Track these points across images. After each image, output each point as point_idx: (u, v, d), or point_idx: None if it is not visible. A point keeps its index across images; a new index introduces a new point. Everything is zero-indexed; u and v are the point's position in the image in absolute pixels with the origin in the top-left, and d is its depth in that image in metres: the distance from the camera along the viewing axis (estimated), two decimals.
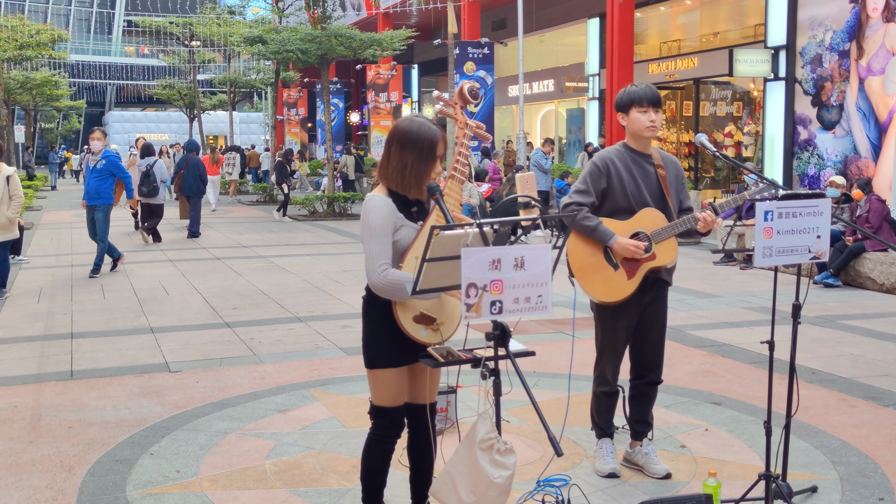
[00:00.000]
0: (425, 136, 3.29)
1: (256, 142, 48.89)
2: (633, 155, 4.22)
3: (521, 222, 3.41)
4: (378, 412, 3.49)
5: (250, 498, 4.11)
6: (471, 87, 3.39)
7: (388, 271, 3.24)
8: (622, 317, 4.23)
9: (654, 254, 4.12)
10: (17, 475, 4.42)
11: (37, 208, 23.42)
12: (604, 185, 4.17)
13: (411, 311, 3.34)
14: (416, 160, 3.29)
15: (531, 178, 15.70)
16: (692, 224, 4.09)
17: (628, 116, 4.18)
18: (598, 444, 4.46)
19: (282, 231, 17.31)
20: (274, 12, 27.44)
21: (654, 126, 4.14)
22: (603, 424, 4.44)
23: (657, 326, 4.32)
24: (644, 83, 4.25)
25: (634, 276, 4.13)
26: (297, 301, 9.28)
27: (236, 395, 5.81)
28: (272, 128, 30.95)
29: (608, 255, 4.15)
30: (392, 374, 3.43)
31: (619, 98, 4.22)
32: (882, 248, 10.08)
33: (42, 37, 27.29)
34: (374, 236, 3.27)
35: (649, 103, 4.12)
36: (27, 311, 8.93)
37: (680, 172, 4.34)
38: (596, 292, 4.18)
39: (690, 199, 4.42)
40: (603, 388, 4.37)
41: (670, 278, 4.28)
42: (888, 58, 13.96)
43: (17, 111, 40.33)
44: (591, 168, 4.21)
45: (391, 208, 3.31)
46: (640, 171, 4.19)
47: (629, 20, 18.59)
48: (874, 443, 4.80)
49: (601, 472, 4.33)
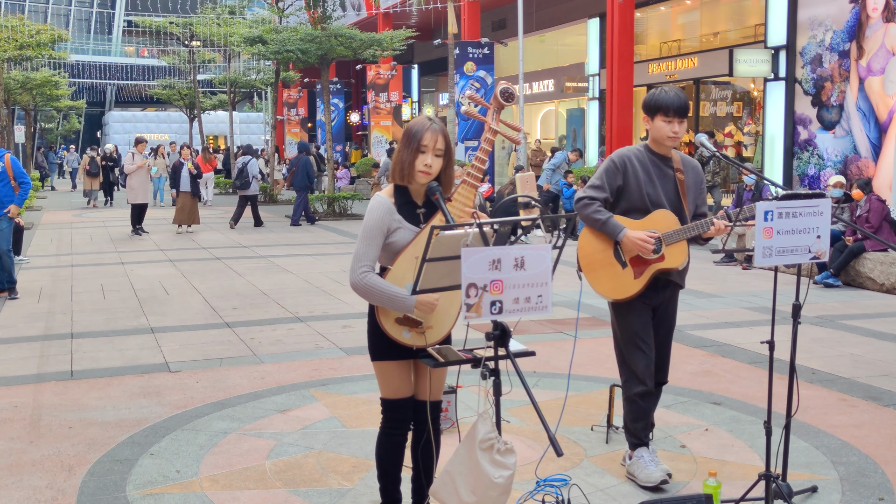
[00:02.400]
0: (414, 128, 3.35)
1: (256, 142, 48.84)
2: (653, 157, 4.19)
3: (520, 222, 3.40)
4: (384, 404, 3.52)
5: (250, 498, 4.11)
6: (504, 88, 3.35)
7: (367, 275, 3.28)
8: (638, 311, 4.17)
9: (662, 255, 4.10)
10: (17, 475, 4.42)
11: (37, 208, 23.43)
12: (620, 182, 4.15)
13: (393, 313, 3.34)
14: (407, 151, 3.34)
15: (531, 178, 15.70)
16: (705, 229, 4.07)
17: (653, 122, 4.14)
18: (636, 454, 4.23)
19: (282, 231, 17.31)
20: (274, 12, 27.43)
21: (676, 137, 4.11)
22: (640, 432, 4.23)
23: (665, 329, 4.30)
24: (675, 89, 4.18)
25: (642, 275, 4.11)
26: (297, 301, 9.27)
27: (236, 395, 5.81)
28: (272, 128, 30.94)
29: (618, 253, 4.13)
30: (394, 366, 3.44)
31: (648, 102, 4.16)
32: (882, 248, 10.08)
33: (42, 37, 27.25)
34: (364, 236, 3.33)
35: (675, 114, 4.08)
36: (27, 311, 8.93)
37: (700, 177, 4.31)
38: (602, 288, 4.17)
39: (707, 204, 4.40)
40: (636, 389, 4.18)
41: (682, 281, 4.25)
42: (888, 58, 13.96)
43: (17, 111, 40.31)
44: (609, 164, 4.19)
45: (387, 209, 3.33)
46: (659, 174, 4.17)
47: (629, 20, 18.59)
48: (874, 443, 4.80)
49: (651, 482, 4.10)
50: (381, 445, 3.55)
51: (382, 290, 3.26)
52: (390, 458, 3.55)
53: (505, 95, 3.35)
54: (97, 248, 14.49)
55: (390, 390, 3.48)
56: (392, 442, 3.53)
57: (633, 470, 4.21)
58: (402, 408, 3.50)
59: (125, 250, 14.12)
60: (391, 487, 3.60)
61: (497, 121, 3.42)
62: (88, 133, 63.08)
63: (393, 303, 3.27)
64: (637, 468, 4.20)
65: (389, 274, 3.33)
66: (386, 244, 3.35)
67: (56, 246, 14.91)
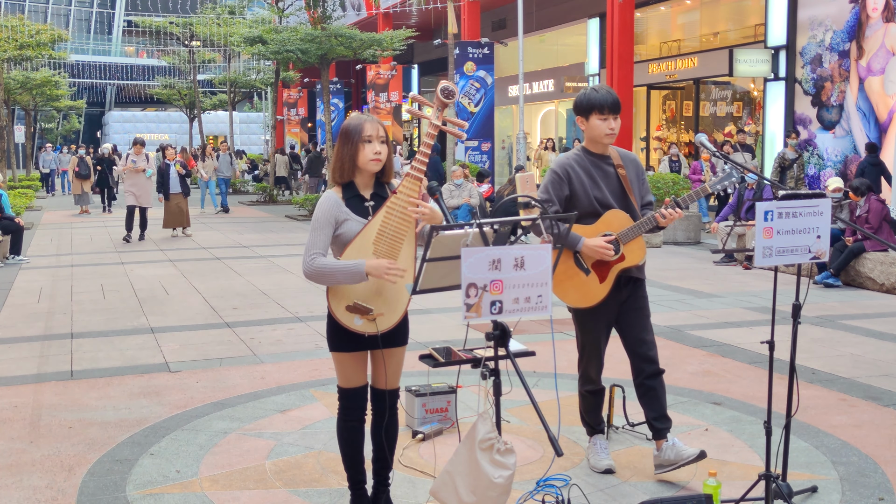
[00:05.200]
0: (353, 123, 3.53)
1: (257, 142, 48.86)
2: (593, 158, 4.25)
3: (520, 222, 3.41)
4: (340, 392, 3.71)
5: (250, 498, 4.11)
6: (444, 87, 3.48)
7: (316, 259, 3.44)
8: (600, 316, 4.25)
9: (622, 255, 4.17)
10: (17, 475, 4.42)
11: (37, 208, 23.43)
12: (566, 191, 4.20)
13: (344, 300, 3.46)
14: (348, 146, 3.51)
15: (531, 178, 15.70)
16: (656, 222, 4.13)
17: (588, 122, 4.19)
18: (591, 441, 4.49)
19: (282, 231, 17.31)
20: (274, 12, 27.43)
21: (612, 133, 4.16)
22: (592, 422, 4.49)
23: (640, 316, 4.29)
24: (605, 87, 4.23)
25: (606, 278, 4.18)
26: (297, 301, 9.28)
27: (236, 395, 5.81)
28: (272, 128, 30.94)
29: (578, 261, 4.19)
30: (348, 357, 3.61)
31: (579, 102, 4.21)
32: (882, 248, 10.08)
33: (42, 37, 27.26)
34: (313, 228, 3.51)
35: (610, 110, 4.14)
36: (27, 311, 8.93)
37: (640, 168, 4.37)
38: (570, 299, 4.22)
39: (651, 192, 4.45)
40: (588, 386, 4.42)
41: (643, 274, 4.33)
42: (888, 58, 13.96)
43: (17, 111, 40.31)
44: (552, 176, 4.24)
45: (333, 202, 3.51)
46: (601, 174, 4.23)
47: (629, 20, 18.60)
48: (874, 443, 4.80)
49: (598, 468, 4.33)
50: (339, 431, 3.73)
51: (334, 267, 3.41)
52: (348, 442, 3.71)
53: (445, 93, 3.49)
54: (97, 248, 14.50)
55: (345, 379, 3.65)
56: (348, 427, 3.70)
57: (588, 454, 4.48)
58: (355, 396, 3.67)
59: (125, 250, 14.12)
60: (353, 470, 3.76)
61: (441, 118, 3.54)
62: (88, 133, 63.08)
63: (346, 275, 3.40)
64: (590, 453, 4.44)
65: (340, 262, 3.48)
66: (336, 236, 3.51)
67: (56, 246, 14.91)
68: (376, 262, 3.38)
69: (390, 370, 3.68)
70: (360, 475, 3.77)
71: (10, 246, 12.88)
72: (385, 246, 3.44)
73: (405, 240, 3.47)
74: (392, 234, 3.45)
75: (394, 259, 3.44)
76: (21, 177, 32.00)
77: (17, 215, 14.22)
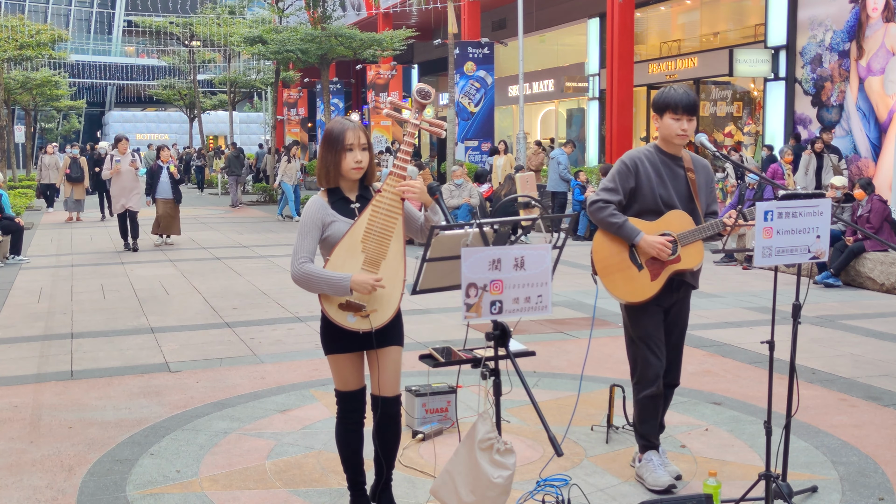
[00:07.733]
0: (336, 131, 3.54)
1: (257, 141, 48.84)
2: (664, 157, 4.17)
3: (520, 222, 3.41)
4: (337, 395, 3.70)
5: (250, 498, 4.11)
6: (420, 88, 3.53)
7: (304, 264, 3.47)
8: (652, 314, 4.15)
9: (679, 256, 4.08)
10: (17, 475, 4.42)
11: (37, 208, 23.42)
12: (632, 184, 4.13)
13: (337, 298, 3.48)
14: (331, 154, 3.53)
15: (531, 178, 15.69)
16: (719, 229, 4.06)
17: (661, 120, 4.13)
18: (645, 458, 4.20)
19: (282, 231, 17.31)
20: (274, 12, 27.44)
21: (684, 135, 4.09)
22: (649, 434, 4.20)
23: (678, 330, 4.28)
24: (684, 87, 4.16)
25: (658, 277, 4.09)
26: (297, 301, 9.27)
27: (236, 395, 5.81)
28: (272, 128, 30.95)
29: (633, 255, 4.11)
30: (343, 359, 3.61)
31: (657, 99, 4.15)
32: (882, 248, 10.08)
33: (42, 37, 27.28)
34: (300, 232, 3.53)
35: (684, 111, 4.06)
36: (27, 311, 8.93)
37: (710, 176, 4.29)
38: (619, 292, 4.14)
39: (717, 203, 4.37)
40: (646, 391, 4.14)
41: (696, 282, 4.24)
42: (888, 58, 13.97)
43: (17, 111, 40.32)
44: (620, 167, 4.17)
45: (319, 206, 3.55)
46: (670, 173, 4.15)
47: (629, 20, 18.60)
48: (874, 443, 4.80)
49: (659, 486, 4.07)
50: (337, 434, 3.73)
51: (320, 276, 3.44)
52: (347, 445, 3.71)
53: (421, 94, 3.54)
54: (97, 248, 14.49)
55: (342, 382, 3.66)
56: (346, 431, 3.70)
57: (642, 473, 4.19)
58: (353, 399, 3.67)
59: (125, 250, 14.11)
60: (352, 472, 3.76)
61: (419, 118, 3.59)
62: (88, 133, 63.08)
63: (331, 286, 3.43)
64: (646, 471, 4.17)
65: (328, 264, 3.48)
66: (324, 238, 3.54)
67: (56, 246, 14.91)
68: (361, 278, 3.39)
69: (388, 374, 3.63)
70: (359, 476, 3.77)
71: (11, 246, 12.88)
72: (373, 244, 3.47)
73: (393, 236, 3.49)
74: (379, 231, 3.48)
75: (383, 255, 3.47)
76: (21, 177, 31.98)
77: (18, 215, 14.21)
